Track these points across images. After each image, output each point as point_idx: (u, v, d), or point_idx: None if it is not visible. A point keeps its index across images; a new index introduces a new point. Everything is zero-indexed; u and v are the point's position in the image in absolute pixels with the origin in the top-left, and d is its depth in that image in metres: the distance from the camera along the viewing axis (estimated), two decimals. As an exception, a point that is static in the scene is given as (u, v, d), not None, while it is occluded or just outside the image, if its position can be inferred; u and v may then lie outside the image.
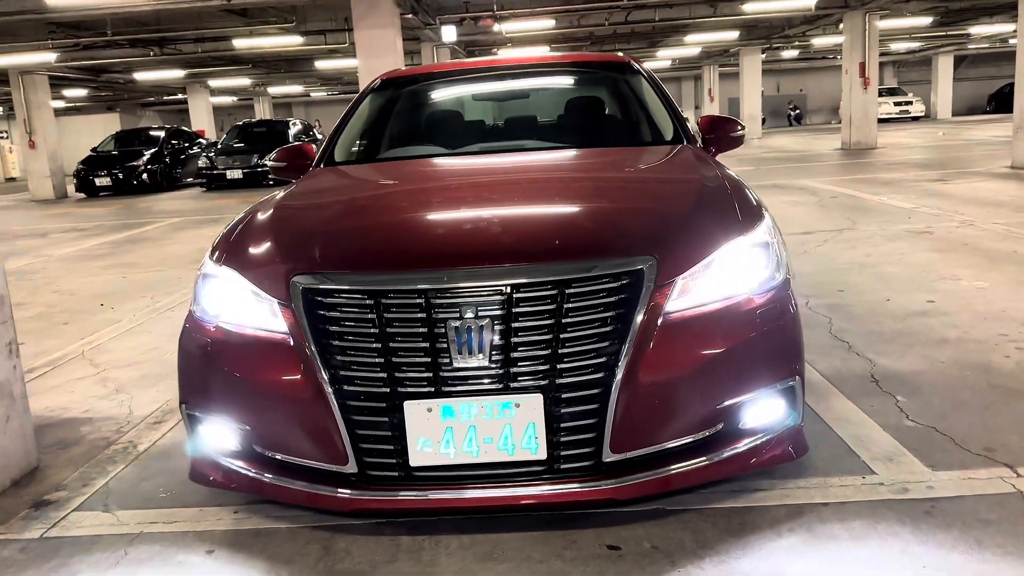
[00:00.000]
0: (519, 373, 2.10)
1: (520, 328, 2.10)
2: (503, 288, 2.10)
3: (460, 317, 2.09)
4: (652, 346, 2.11)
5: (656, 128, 3.68)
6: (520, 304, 2.10)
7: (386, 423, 2.13)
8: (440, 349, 2.10)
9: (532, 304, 2.10)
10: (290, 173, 3.62)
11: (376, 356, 2.12)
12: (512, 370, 2.10)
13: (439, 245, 2.32)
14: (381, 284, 2.14)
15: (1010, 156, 12.13)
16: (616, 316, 2.11)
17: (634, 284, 2.13)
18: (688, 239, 2.28)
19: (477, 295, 2.10)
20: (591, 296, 2.11)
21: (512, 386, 2.10)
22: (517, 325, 2.10)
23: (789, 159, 16.60)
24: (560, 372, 2.09)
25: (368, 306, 2.13)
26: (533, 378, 2.10)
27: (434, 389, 2.11)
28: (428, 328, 2.10)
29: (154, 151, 19.33)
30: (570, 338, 2.10)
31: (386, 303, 2.12)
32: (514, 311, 2.09)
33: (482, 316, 2.09)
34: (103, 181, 18.56)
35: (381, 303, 2.12)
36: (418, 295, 2.11)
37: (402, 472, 2.16)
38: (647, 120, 3.79)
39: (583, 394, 2.10)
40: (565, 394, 2.10)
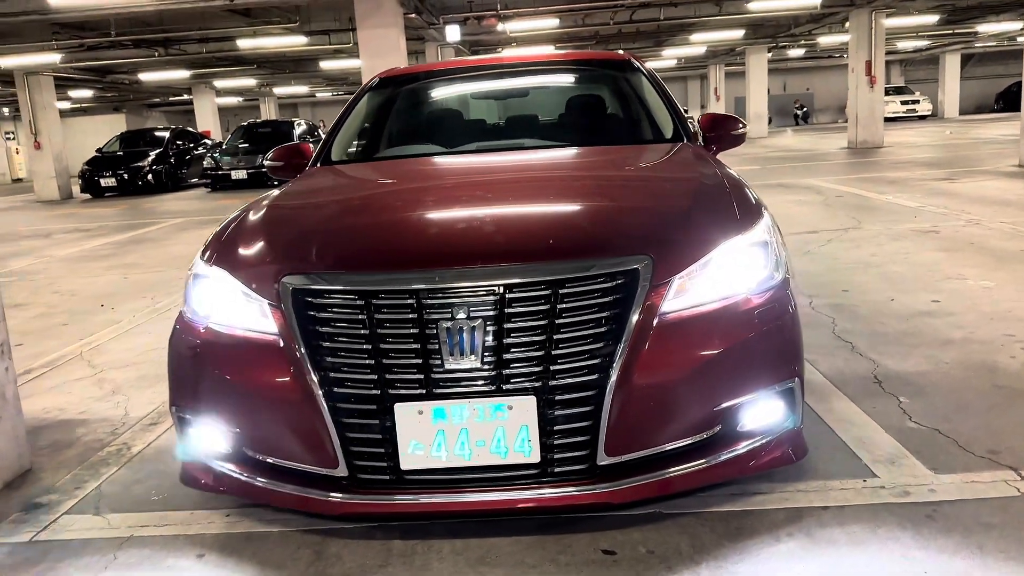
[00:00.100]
0: (512, 375, 2.06)
1: (513, 329, 2.06)
2: (495, 288, 2.06)
3: (452, 318, 2.05)
4: (647, 347, 2.07)
5: (656, 126, 3.64)
6: (513, 304, 2.06)
7: (376, 426, 2.09)
8: (431, 350, 2.06)
9: (525, 304, 2.06)
10: (287, 172, 3.59)
11: (366, 358, 2.08)
12: (505, 372, 2.06)
13: (430, 245, 2.28)
14: (371, 284, 2.10)
15: (1017, 155, 12.03)
16: (611, 317, 2.07)
17: (629, 284, 2.09)
18: (685, 238, 2.24)
19: (469, 295, 2.06)
20: (585, 296, 2.07)
21: (505, 388, 2.06)
22: (510, 326, 2.06)
23: (795, 158, 16.52)
24: (553, 374, 2.05)
25: (358, 307, 2.09)
26: (526, 380, 2.06)
27: (425, 391, 2.07)
28: (419, 329, 2.07)
29: (159, 152, 19.36)
30: (564, 339, 2.06)
31: (376, 304, 2.09)
32: (507, 311, 2.05)
33: (474, 317, 2.05)
34: (108, 182, 18.60)
35: (371, 304, 2.09)
36: (409, 295, 2.07)
37: (393, 476, 2.13)
38: (647, 118, 3.75)
39: (577, 396, 2.06)
40: (559, 396, 2.06)
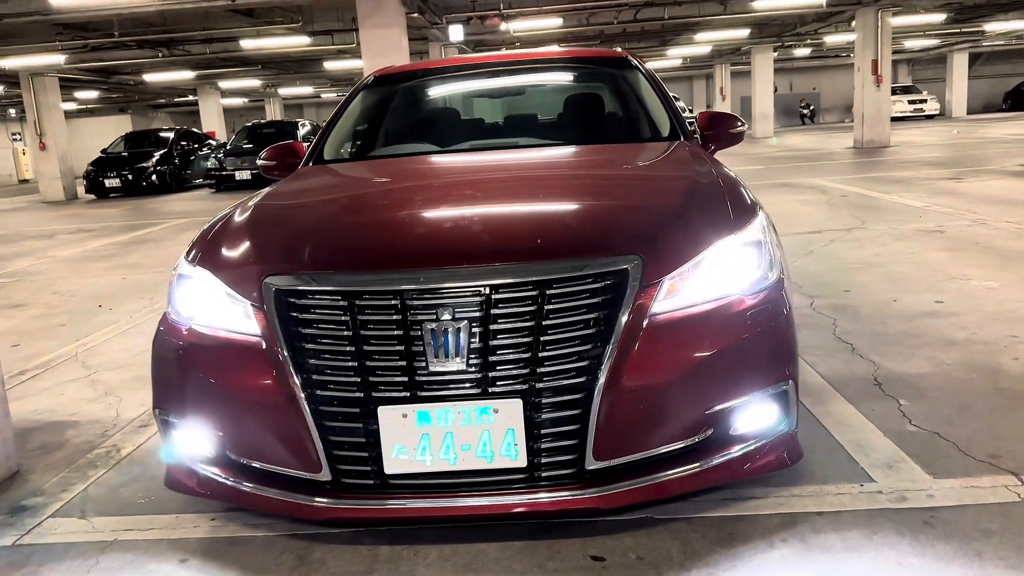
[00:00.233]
0: (498, 377, 2.01)
1: (499, 330, 2.01)
2: (481, 289, 2.02)
3: (436, 319, 2.01)
4: (637, 349, 2.02)
5: (653, 124, 3.59)
6: (499, 305, 2.01)
7: (360, 429, 2.05)
8: (416, 352, 2.02)
9: (511, 305, 2.02)
10: (280, 172, 3.55)
11: (349, 360, 2.04)
12: (490, 374, 2.01)
13: (415, 244, 2.23)
14: (355, 285, 2.06)
15: (1025, 154, 11.96)
16: (599, 318, 2.03)
17: (618, 284, 2.04)
18: (676, 238, 2.19)
19: (454, 296, 2.02)
20: (573, 297, 2.03)
21: (490, 391, 2.01)
22: (496, 327, 2.01)
23: (800, 158, 16.43)
24: (540, 376, 2.01)
25: (341, 308, 2.05)
26: (512, 382, 2.01)
27: (409, 394, 2.03)
28: (403, 331, 2.02)
29: (163, 152, 19.39)
30: (551, 341, 2.01)
31: (360, 305, 2.04)
32: (493, 313, 2.01)
33: (459, 318, 2.01)
34: (112, 182, 18.65)
35: (355, 304, 2.04)
36: (393, 296, 2.03)
37: (377, 480, 2.08)
38: (644, 116, 3.70)
39: (564, 399, 2.02)
40: (546, 399, 2.01)
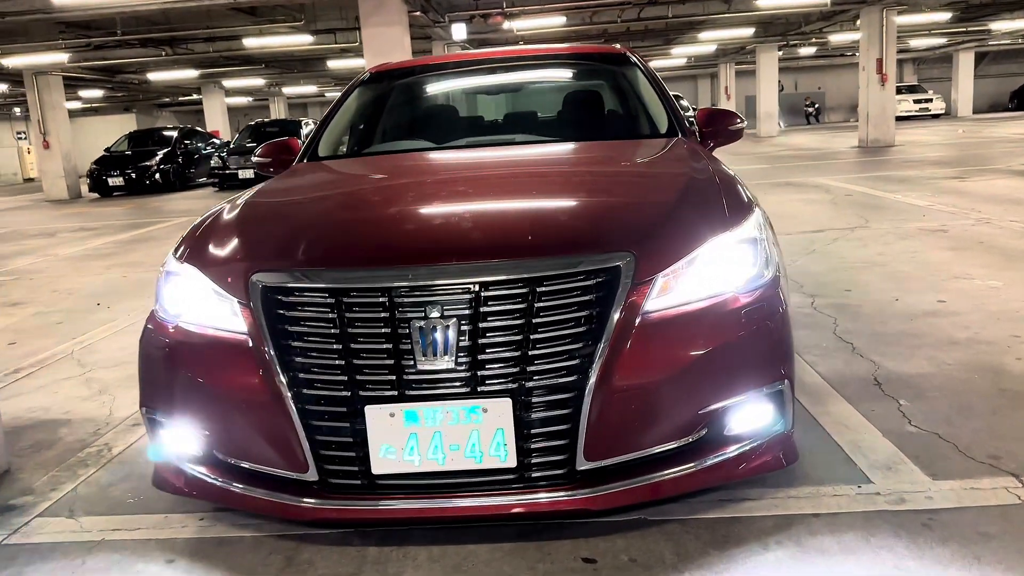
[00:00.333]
0: (487, 376, 1.98)
1: (488, 328, 1.98)
2: (470, 286, 1.98)
3: (425, 317, 1.97)
4: (629, 347, 1.98)
5: (651, 121, 3.55)
6: (488, 303, 1.98)
7: (347, 429, 2.01)
8: (404, 351, 1.99)
9: (501, 303, 1.98)
10: (275, 169, 3.52)
11: (336, 358, 2.01)
12: (479, 373, 1.98)
13: (403, 241, 2.20)
14: (341, 282, 2.03)
15: (1030, 153, 11.88)
16: (590, 316, 1.99)
17: (610, 282, 2.00)
18: (670, 235, 2.15)
19: (443, 293, 1.99)
20: (564, 295, 1.99)
21: (479, 390, 1.98)
22: (485, 325, 1.98)
23: (805, 157, 16.36)
24: (530, 375, 1.97)
25: (328, 305, 2.02)
26: (502, 381, 1.98)
27: (397, 393, 1.99)
28: (391, 329, 1.99)
29: (167, 151, 19.38)
30: (541, 339, 1.98)
31: (347, 302, 2.01)
32: (482, 311, 1.98)
33: (448, 316, 1.97)
34: (116, 181, 18.63)
35: (342, 302, 2.01)
36: (380, 294, 2.00)
37: (364, 480, 2.05)
38: (642, 113, 3.66)
39: (555, 398, 1.98)
40: (536, 398, 1.98)
